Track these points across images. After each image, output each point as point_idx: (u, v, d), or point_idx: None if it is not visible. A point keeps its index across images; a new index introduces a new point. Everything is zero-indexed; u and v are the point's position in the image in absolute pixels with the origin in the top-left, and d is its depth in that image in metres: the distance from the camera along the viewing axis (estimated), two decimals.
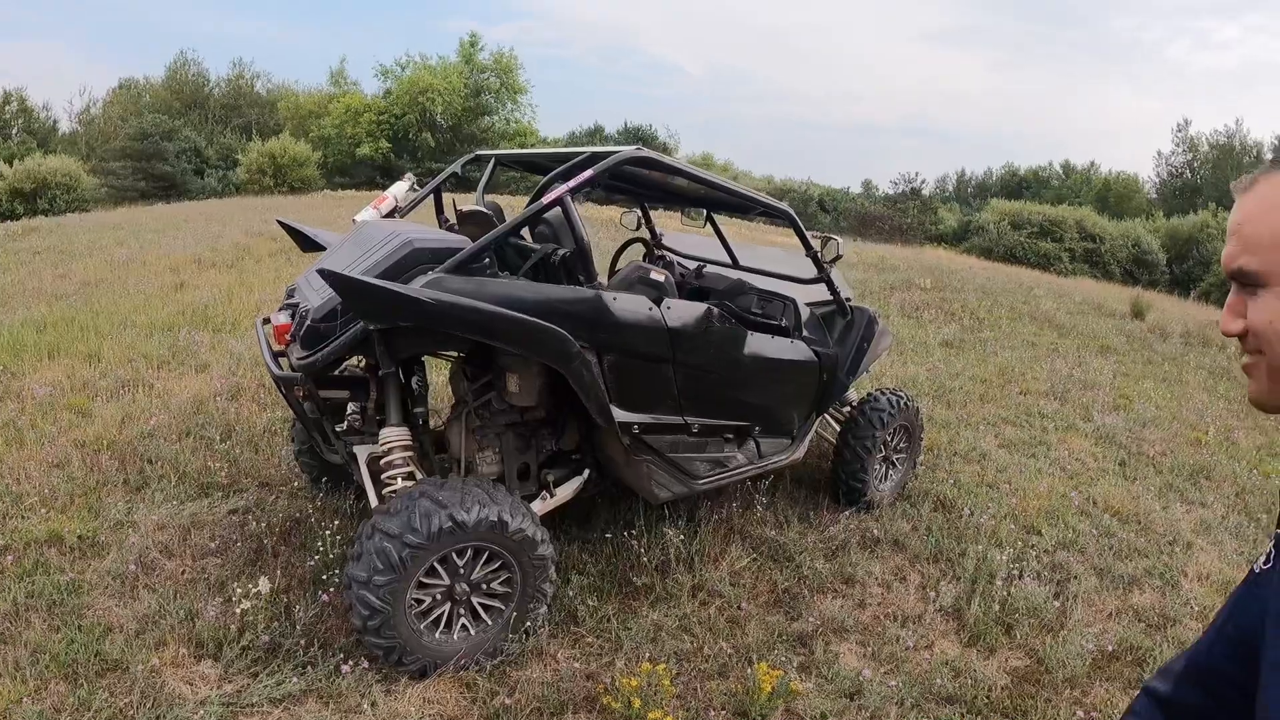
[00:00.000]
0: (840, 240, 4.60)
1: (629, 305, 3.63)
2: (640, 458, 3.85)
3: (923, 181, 54.46)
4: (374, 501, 3.76)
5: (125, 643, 3.45)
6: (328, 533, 3.98)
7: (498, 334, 3.16)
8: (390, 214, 4.65)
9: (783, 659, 3.66)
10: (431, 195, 4.90)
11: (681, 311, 3.86)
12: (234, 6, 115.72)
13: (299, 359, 3.32)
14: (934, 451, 6.45)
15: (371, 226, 3.88)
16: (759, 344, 4.34)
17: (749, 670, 3.46)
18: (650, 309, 3.72)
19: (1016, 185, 66.64)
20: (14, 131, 54.25)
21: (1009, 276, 18.20)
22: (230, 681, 3.28)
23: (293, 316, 3.46)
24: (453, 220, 4.68)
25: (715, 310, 4.03)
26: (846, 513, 5.01)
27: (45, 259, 14.59)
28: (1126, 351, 11.75)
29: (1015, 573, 4.46)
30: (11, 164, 37.74)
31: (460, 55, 53.20)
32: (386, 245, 3.40)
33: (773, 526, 4.82)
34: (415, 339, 3.35)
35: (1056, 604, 4.29)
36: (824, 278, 4.76)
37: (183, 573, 4.00)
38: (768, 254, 6.19)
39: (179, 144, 44.71)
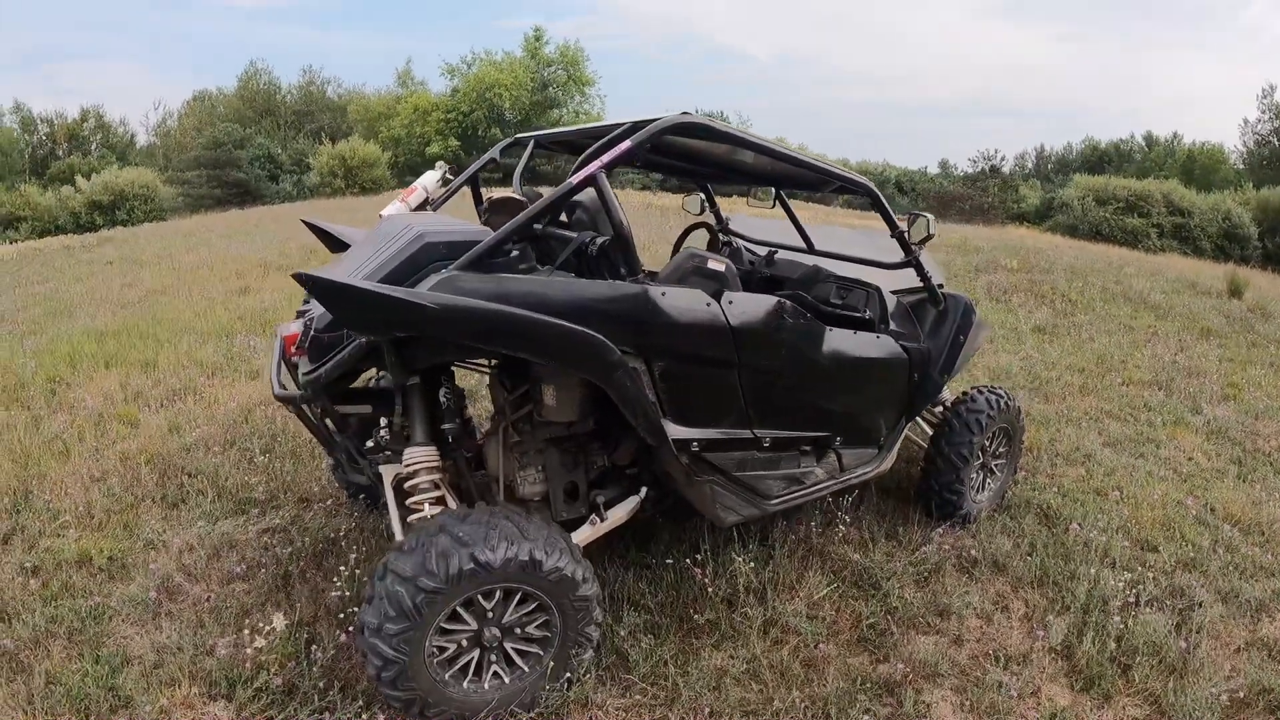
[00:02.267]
0: (931, 218, 4.12)
1: (682, 301, 3.18)
2: (703, 478, 3.43)
3: (1002, 159, 54.43)
4: (397, 528, 3.46)
5: (140, 677, 3.30)
6: (349, 561, 3.77)
7: (517, 341, 2.77)
8: (421, 207, 4.35)
9: (865, 713, 3.24)
10: (469, 186, 4.54)
11: (746, 306, 3.41)
12: (300, 17, 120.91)
13: (304, 374, 3.04)
14: (1033, 452, 5.97)
15: (390, 221, 3.51)
16: (839, 341, 3.90)
17: None
18: (708, 304, 3.26)
19: (1098, 160, 65.23)
20: (93, 146, 57.18)
21: (1097, 255, 17.27)
22: None
23: (303, 325, 3.17)
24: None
25: (787, 304, 3.58)
26: (940, 529, 4.57)
27: (116, 268, 14.97)
28: (1229, 334, 10.99)
29: (1131, 600, 4.03)
30: (89, 178, 39.07)
31: (525, 50, 54.15)
32: (397, 241, 3.05)
33: (856, 546, 4.39)
34: (431, 348, 2.96)
35: (1179, 639, 3.80)
36: (912, 261, 4.26)
37: (207, 599, 3.84)
38: (847, 236, 5.75)
39: (252, 151, 46.42)
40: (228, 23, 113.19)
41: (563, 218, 4.09)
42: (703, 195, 5.50)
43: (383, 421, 3.76)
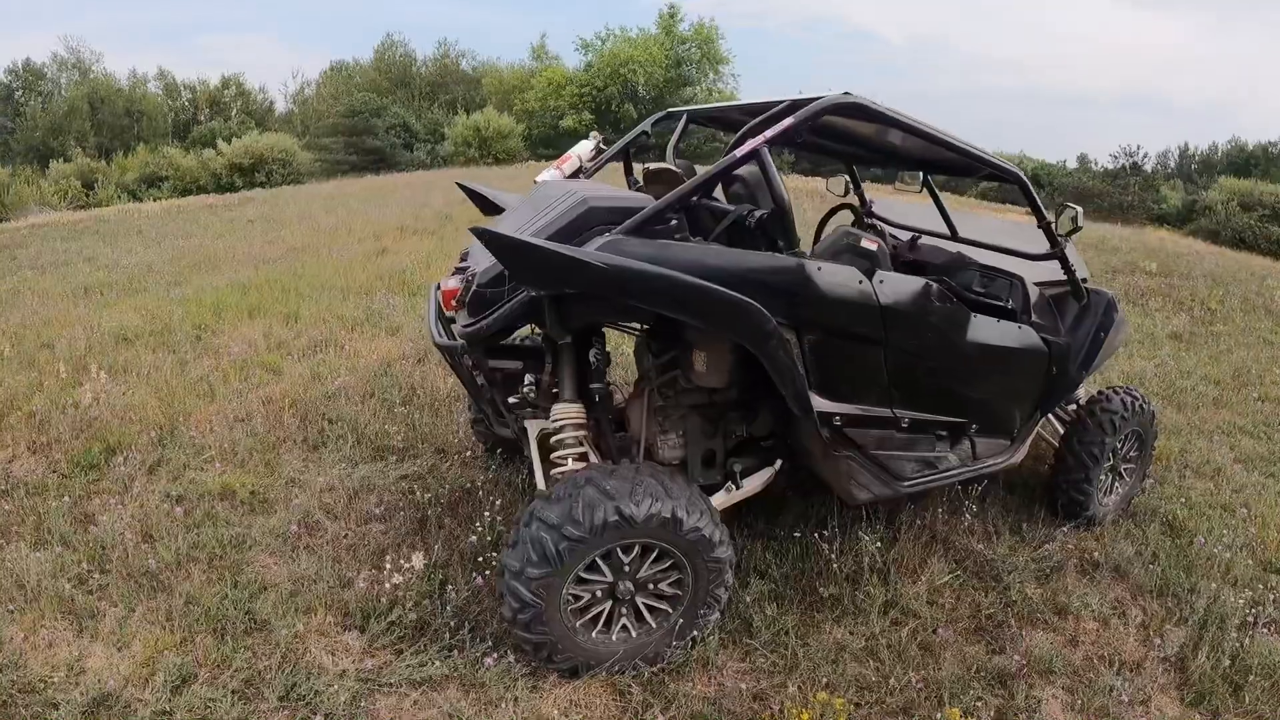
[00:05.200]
0: (1079, 210, 4.12)
1: (837, 277, 3.32)
2: (840, 453, 3.56)
3: (1145, 156, 51.77)
4: (540, 481, 3.62)
5: (276, 604, 3.48)
6: (490, 509, 3.90)
7: (679, 305, 2.89)
8: (574, 175, 4.53)
9: (978, 701, 3.27)
10: (620, 157, 4.76)
11: (897, 286, 3.52)
12: None
13: (464, 326, 3.20)
14: (1162, 462, 5.75)
15: (549, 186, 3.72)
16: (983, 328, 3.93)
17: (938, 714, 3.16)
18: (861, 282, 3.39)
19: (1245, 162, 61.19)
20: (233, 113, 60.49)
21: (1239, 263, 16.34)
22: (372, 656, 3.23)
23: (463, 281, 3.35)
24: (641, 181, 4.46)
25: (935, 287, 3.68)
26: (1065, 528, 4.59)
27: (258, 227, 15.80)
28: None
29: (1250, 619, 3.91)
30: (230, 142, 41.30)
31: (660, 27, 54.61)
32: (561, 204, 3.25)
33: (980, 538, 4.44)
34: (590, 307, 3.13)
35: None
36: (1058, 254, 4.25)
37: (344, 537, 4.01)
38: (991, 225, 5.64)
39: (388, 120, 48.08)
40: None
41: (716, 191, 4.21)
42: (847, 177, 5.52)
43: (528, 378, 3.98)
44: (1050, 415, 5.00)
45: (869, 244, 3.60)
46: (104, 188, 37.96)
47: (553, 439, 3.43)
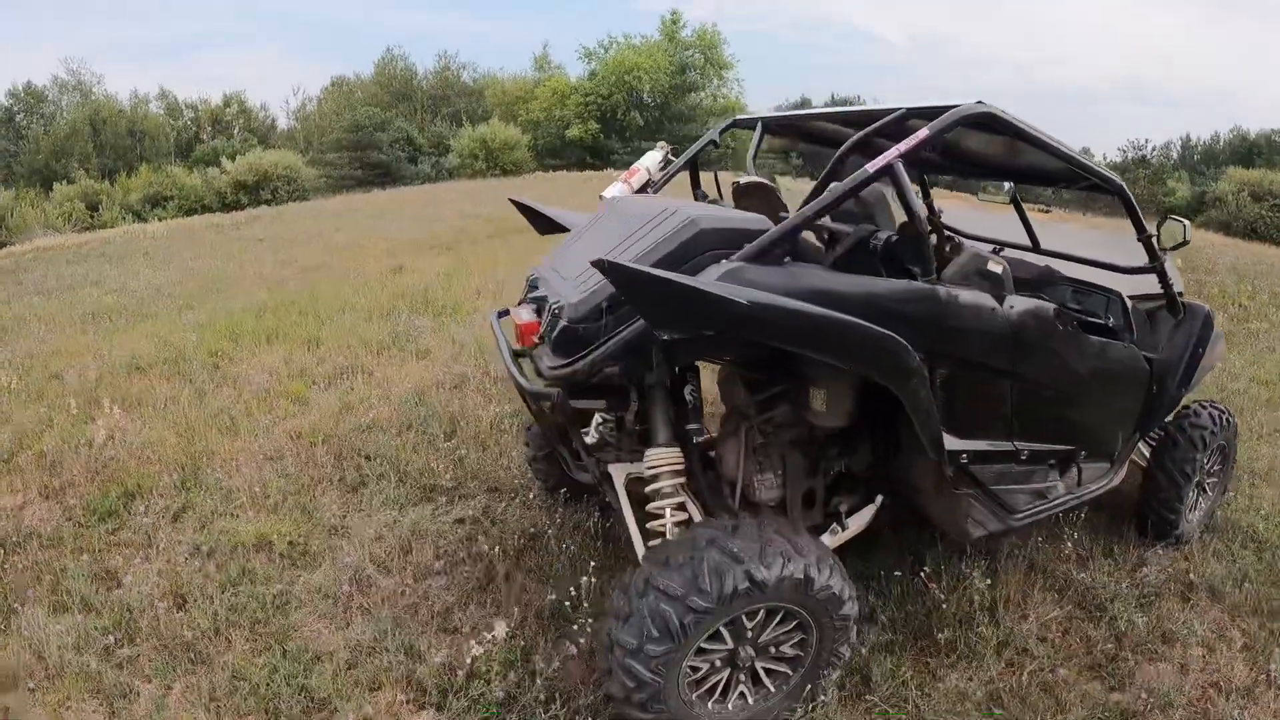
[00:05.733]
0: (1187, 224, 3.97)
1: (971, 304, 3.07)
2: (961, 491, 3.33)
3: (1153, 149, 52.23)
4: (635, 535, 3.29)
5: (334, 677, 3.11)
6: (564, 559, 3.58)
7: (820, 343, 2.59)
8: (642, 189, 4.31)
9: None
10: (687, 169, 4.48)
11: (1027, 311, 3.28)
12: (430, 5, 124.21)
13: (554, 368, 2.85)
14: None
15: (630, 203, 3.43)
16: (1095, 349, 3.73)
17: None
18: (993, 309, 3.15)
19: (1247, 151, 61.78)
20: (235, 130, 60.57)
21: (1257, 256, 16.26)
22: None
23: (539, 313, 3.07)
24: (712, 195, 4.27)
25: (1061, 310, 3.49)
26: (1156, 549, 4.43)
27: (267, 246, 15.49)
28: None
29: None
30: (234, 160, 41.24)
31: (663, 33, 54.86)
32: (661, 225, 2.90)
33: (1075, 564, 4.24)
34: (701, 344, 2.85)
35: None
36: (1156, 267, 4.02)
37: (401, 594, 3.61)
38: (1074, 235, 5.35)
39: (392, 133, 48.21)
40: (361, 12, 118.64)
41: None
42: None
43: (597, 417, 3.64)
44: None
45: (995, 266, 3.29)
46: (108, 209, 37.81)
47: (647, 488, 3.08)
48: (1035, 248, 4.83)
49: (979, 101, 3.02)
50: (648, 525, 3.07)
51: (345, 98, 61.85)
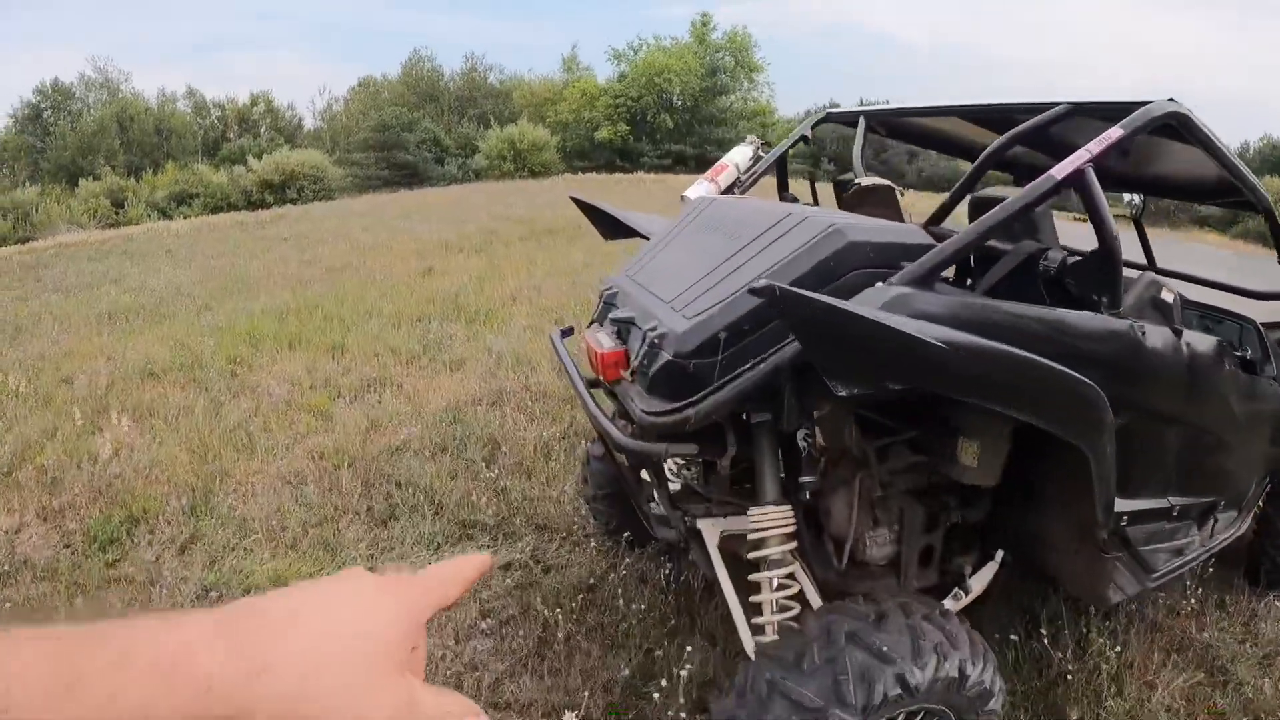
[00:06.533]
0: None
1: (1159, 342, 2.61)
2: (1110, 555, 2.82)
3: None
4: (737, 613, 2.70)
5: None
6: (635, 622, 3.00)
7: (1017, 397, 2.09)
8: (729, 189, 3.86)
9: None
10: (776, 168, 4.02)
11: (1198, 348, 2.87)
12: (456, 8, 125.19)
13: (654, 413, 2.27)
14: None
15: (730, 207, 2.89)
16: (1248, 388, 3.33)
17: None
18: (1177, 347, 2.72)
19: (1278, 159, 60.55)
20: (262, 130, 60.89)
21: None
22: None
23: (621, 336, 2.58)
24: (802, 199, 3.80)
25: (1228, 345, 3.12)
26: (1271, 598, 4.09)
27: (292, 245, 15.04)
28: None
29: None
30: (261, 159, 41.18)
31: (693, 36, 54.87)
32: (790, 236, 2.39)
33: (1191, 618, 3.83)
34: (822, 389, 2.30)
35: None
36: None
37: (442, 660, 3.04)
38: (1195, 254, 4.87)
39: (419, 134, 48.08)
40: (388, 13, 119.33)
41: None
42: None
43: (672, 465, 3.04)
44: None
45: (1167, 295, 2.83)
46: (134, 206, 37.75)
47: (750, 554, 2.51)
48: (1151, 266, 4.32)
49: (1170, 99, 2.58)
50: (751, 599, 2.51)
51: (372, 98, 62.21)
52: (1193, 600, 3.85)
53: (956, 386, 2.01)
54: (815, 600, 2.66)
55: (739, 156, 3.97)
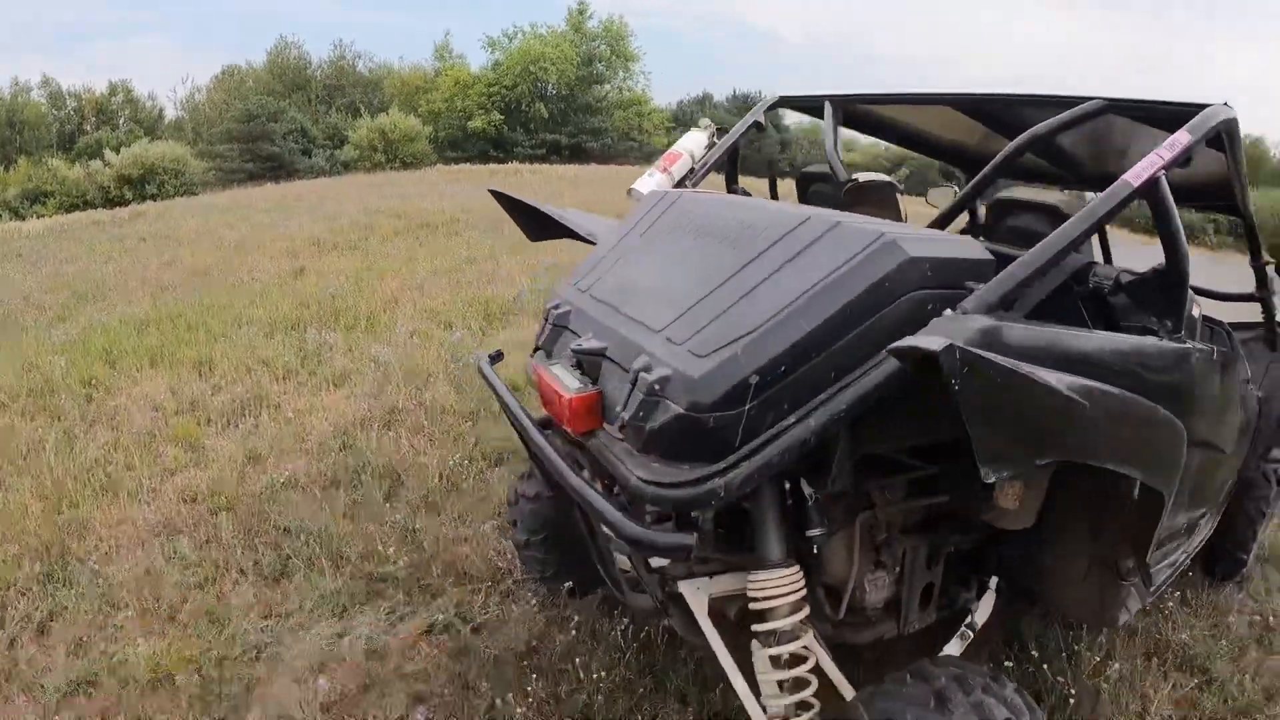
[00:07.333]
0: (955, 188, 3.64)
1: (1207, 364, 2.46)
2: (1128, 580, 2.67)
3: None
4: (745, 695, 2.25)
5: None
6: (595, 694, 2.59)
7: (1109, 442, 1.79)
8: (681, 181, 3.49)
9: None
10: (726, 159, 3.67)
11: (1228, 365, 2.81)
12: None
13: (662, 485, 1.83)
14: None
15: (717, 205, 2.49)
16: (1243, 397, 3.27)
17: None
18: (1217, 368, 2.62)
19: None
20: (121, 121, 57.24)
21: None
22: None
23: (587, 373, 2.16)
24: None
25: (1244, 360, 3.08)
26: (1231, 592, 4.19)
27: (151, 246, 13.99)
28: None
29: None
30: (119, 152, 38.90)
31: (569, 24, 54.17)
32: (824, 247, 2.01)
33: (1164, 618, 3.80)
34: (899, 430, 2.05)
35: None
36: (1263, 296, 3.63)
37: None
38: (1145, 253, 4.82)
39: (285, 125, 46.14)
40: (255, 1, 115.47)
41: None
42: (956, 187, 4.49)
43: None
44: None
45: (1194, 309, 2.56)
46: None
47: (755, 626, 2.14)
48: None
49: (1225, 103, 2.37)
50: (759, 675, 2.14)
51: (236, 87, 59.45)
52: (1169, 602, 3.82)
53: (1095, 451, 1.76)
54: (833, 670, 2.31)
55: (693, 144, 3.59)
